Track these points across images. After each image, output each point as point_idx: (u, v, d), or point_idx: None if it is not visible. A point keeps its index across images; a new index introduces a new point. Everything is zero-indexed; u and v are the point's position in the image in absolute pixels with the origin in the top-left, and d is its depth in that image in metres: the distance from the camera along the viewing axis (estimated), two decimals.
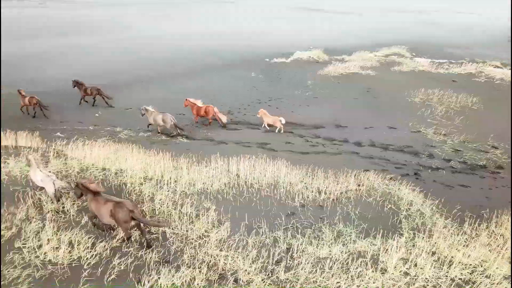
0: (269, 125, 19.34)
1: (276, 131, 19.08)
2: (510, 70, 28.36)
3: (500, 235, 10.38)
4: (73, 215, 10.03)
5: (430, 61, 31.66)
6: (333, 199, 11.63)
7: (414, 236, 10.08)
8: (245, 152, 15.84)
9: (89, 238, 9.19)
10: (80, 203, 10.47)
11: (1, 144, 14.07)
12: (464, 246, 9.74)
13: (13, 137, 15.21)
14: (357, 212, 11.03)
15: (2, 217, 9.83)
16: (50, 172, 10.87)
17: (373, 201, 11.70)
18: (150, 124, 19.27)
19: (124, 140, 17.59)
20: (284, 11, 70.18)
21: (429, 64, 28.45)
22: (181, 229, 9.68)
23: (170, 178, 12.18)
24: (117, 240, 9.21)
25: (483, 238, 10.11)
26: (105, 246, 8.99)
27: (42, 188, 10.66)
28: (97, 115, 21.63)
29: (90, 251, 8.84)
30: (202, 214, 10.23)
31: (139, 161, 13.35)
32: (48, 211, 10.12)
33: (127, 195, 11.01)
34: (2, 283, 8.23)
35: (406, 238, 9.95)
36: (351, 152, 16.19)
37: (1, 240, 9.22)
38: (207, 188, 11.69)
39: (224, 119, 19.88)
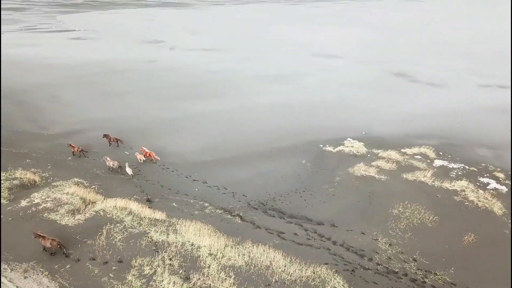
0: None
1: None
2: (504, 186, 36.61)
3: None
4: (176, 268, 24.12)
5: (442, 165, 40.86)
6: (293, 280, 24.05)
7: None
8: (268, 238, 28.78)
9: (180, 280, 23.15)
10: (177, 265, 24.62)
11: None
12: None
13: (152, 211, 30.23)
14: None
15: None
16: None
17: (312, 284, 23.87)
18: (109, 167, 36.96)
19: (207, 215, 31.72)
20: (380, 77, 77.80)
21: (431, 175, 37.76)
22: (218, 284, 23.13)
23: (221, 253, 25.72)
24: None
25: None
26: (188, 286, 22.87)
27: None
28: (196, 189, 36.21)
29: (181, 287, 22.79)
30: (228, 278, 23.57)
31: (209, 238, 27.11)
32: (166, 265, 24.39)
33: (200, 263, 24.76)
34: None
35: None
36: (326, 248, 28.08)
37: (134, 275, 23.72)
38: (235, 263, 24.95)
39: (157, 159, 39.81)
